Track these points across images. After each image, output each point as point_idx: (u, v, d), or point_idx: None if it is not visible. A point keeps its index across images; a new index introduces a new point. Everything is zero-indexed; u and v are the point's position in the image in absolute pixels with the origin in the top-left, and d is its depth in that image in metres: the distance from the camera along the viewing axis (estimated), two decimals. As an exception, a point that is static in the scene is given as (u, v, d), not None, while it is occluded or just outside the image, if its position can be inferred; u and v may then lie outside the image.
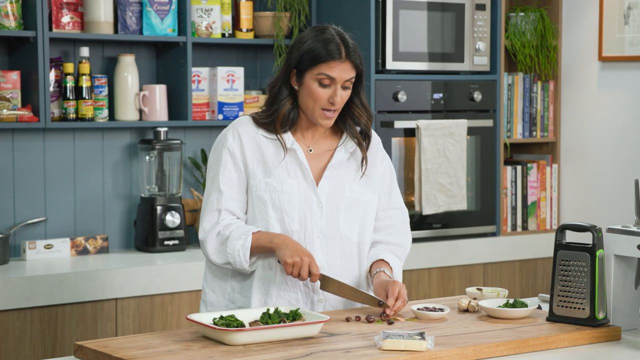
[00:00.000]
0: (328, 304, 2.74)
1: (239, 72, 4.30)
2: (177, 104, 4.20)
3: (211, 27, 4.24)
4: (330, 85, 2.66)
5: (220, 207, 2.72)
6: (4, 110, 3.82)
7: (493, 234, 4.67)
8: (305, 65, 2.67)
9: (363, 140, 2.78)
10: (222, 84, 4.26)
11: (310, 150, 2.76)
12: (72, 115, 3.97)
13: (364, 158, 2.77)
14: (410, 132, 4.41)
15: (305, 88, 2.68)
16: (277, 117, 2.72)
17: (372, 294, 2.73)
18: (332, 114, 2.70)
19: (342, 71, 2.66)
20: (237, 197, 2.73)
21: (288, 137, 2.74)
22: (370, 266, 2.79)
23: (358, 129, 2.79)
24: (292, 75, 2.71)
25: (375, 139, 2.86)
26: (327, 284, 2.67)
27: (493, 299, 2.73)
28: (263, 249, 2.66)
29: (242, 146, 2.73)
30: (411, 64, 4.40)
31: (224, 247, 2.68)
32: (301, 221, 2.71)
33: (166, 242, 4.12)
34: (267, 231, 2.69)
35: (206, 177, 2.81)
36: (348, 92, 2.70)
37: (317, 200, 2.72)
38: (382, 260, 2.78)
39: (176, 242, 4.14)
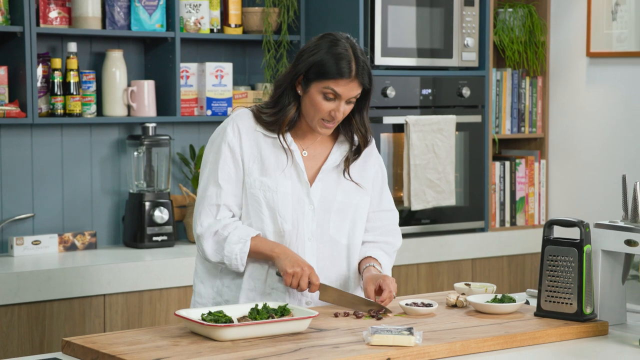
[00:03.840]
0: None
1: (227, 67, 4.29)
2: (166, 100, 4.20)
3: (199, 23, 4.23)
4: (334, 100, 2.65)
5: (219, 202, 2.70)
6: (-8, 106, 3.81)
7: (481, 230, 4.68)
8: (313, 76, 2.64)
9: (352, 155, 2.77)
10: (210, 79, 4.25)
11: (305, 153, 2.76)
12: (60, 111, 3.96)
13: (346, 168, 2.76)
14: (399, 128, 4.41)
15: (309, 97, 2.66)
16: (283, 122, 2.70)
17: (361, 294, 2.74)
18: (331, 125, 2.69)
19: (349, 89, 2.64)
20: (235, 192, 2.73)
21: (287, 137, 2.73)
22: (359, 263, 2.79)
23: (355, 138, 2.78)
24: (299, 81, 2.68)
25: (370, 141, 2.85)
26: (327, 293, 2.66)
27: (481, 294, 2.73)
28: (262, 255, 2.67)
29: (241, 141, 2.71)
30: (400, 59, 4.40)
31: (221, 247, 2.68)
32: (294, 222, 2.71)
33: (155, 238, 4.11)
34: (266, 238, 2.69)
35: (201, 169, 2.78)
36: (351, 106, 2.70)
37: (310, 203, 2.72)
38: (371, 257, 2.78)
39: (165, 238, 4.13)
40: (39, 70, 3.95)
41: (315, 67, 2.63)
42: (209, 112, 4.25)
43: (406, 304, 2.63)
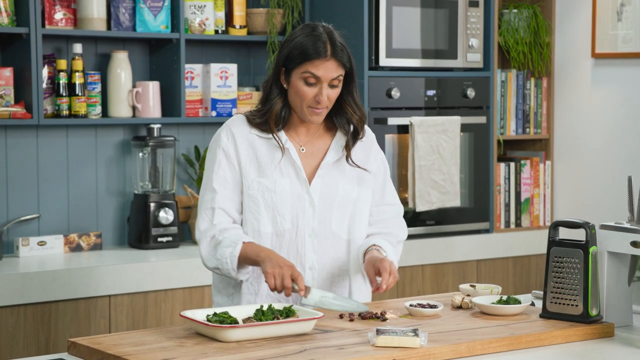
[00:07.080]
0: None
1: (232, 68, 4.30)
2: (171, 101, 4.20)
3: (204, 24, 4.23)
4: (316, 84, 2.67)
5: (213, 205, 2.72)
6: (-3, 107, 3.82)
7: (486, 231, 4.68)
8: (292, 63, 2.68)
9: (351, 140, 2.78)
10: (215, 80, 4.25)
11: (303, 150, 2.77)
12: (65, 112, 3.96)
13: (348, 155, 2.77)
14: (403, 129, 4.41)
15: (292, 87, 2.69)
16: (270, 117, 2.73)
17: (358, 300, 2.73)
18: (320, 111, 2.70)
19: (327, 70, 2.66)
20: (232, 196, 2.74)
21: (281, 135, 2.74)
22: (364, 253, 2.77)
23: (351, 127, 2.79)
24: (281, 73, 2.72)
25: (369, 134, 2.86)
26: (312, 295, 2.60)
27: (486, 295, 2.73)
28: (250, 260, 2.65)
29: (236, 145, 2.74)
30: (404, 60, 4.40)
31: (215, 252, 2.69)
32: (293, 220, 2.71)
33: (160, 239, 4.11)
34: (257, 244, 2.68)
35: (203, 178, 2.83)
36: (337, 90, 2.70)
37: (310, 199, 2.73)
38: (374, 244, 2.76)
39: (169, 238, 4.13)
40: (45, 72, 3.95)
41: (293, 53, 2.68)
42: (214, 113, 4.25)
43: (411, 305, 2.63)
